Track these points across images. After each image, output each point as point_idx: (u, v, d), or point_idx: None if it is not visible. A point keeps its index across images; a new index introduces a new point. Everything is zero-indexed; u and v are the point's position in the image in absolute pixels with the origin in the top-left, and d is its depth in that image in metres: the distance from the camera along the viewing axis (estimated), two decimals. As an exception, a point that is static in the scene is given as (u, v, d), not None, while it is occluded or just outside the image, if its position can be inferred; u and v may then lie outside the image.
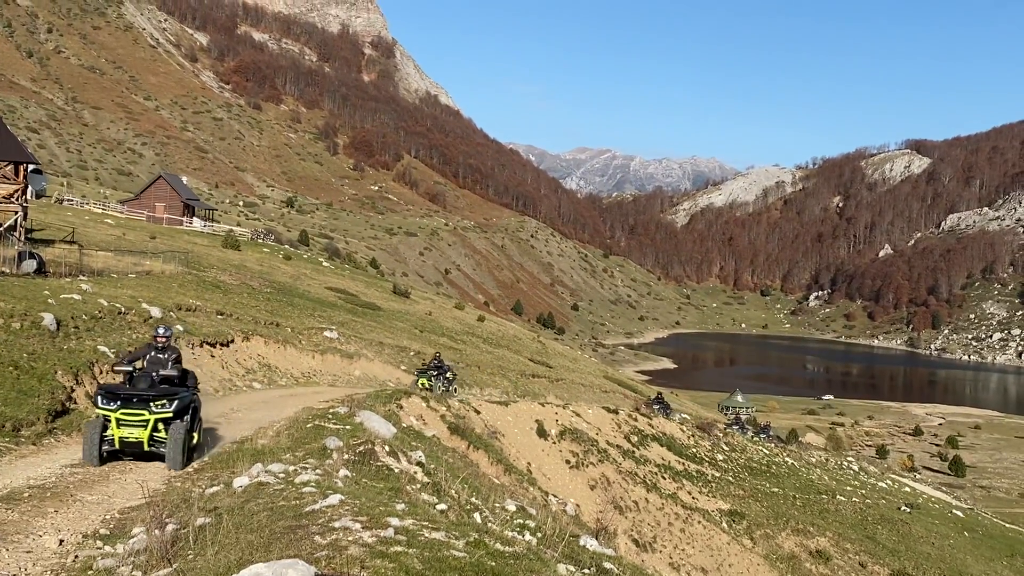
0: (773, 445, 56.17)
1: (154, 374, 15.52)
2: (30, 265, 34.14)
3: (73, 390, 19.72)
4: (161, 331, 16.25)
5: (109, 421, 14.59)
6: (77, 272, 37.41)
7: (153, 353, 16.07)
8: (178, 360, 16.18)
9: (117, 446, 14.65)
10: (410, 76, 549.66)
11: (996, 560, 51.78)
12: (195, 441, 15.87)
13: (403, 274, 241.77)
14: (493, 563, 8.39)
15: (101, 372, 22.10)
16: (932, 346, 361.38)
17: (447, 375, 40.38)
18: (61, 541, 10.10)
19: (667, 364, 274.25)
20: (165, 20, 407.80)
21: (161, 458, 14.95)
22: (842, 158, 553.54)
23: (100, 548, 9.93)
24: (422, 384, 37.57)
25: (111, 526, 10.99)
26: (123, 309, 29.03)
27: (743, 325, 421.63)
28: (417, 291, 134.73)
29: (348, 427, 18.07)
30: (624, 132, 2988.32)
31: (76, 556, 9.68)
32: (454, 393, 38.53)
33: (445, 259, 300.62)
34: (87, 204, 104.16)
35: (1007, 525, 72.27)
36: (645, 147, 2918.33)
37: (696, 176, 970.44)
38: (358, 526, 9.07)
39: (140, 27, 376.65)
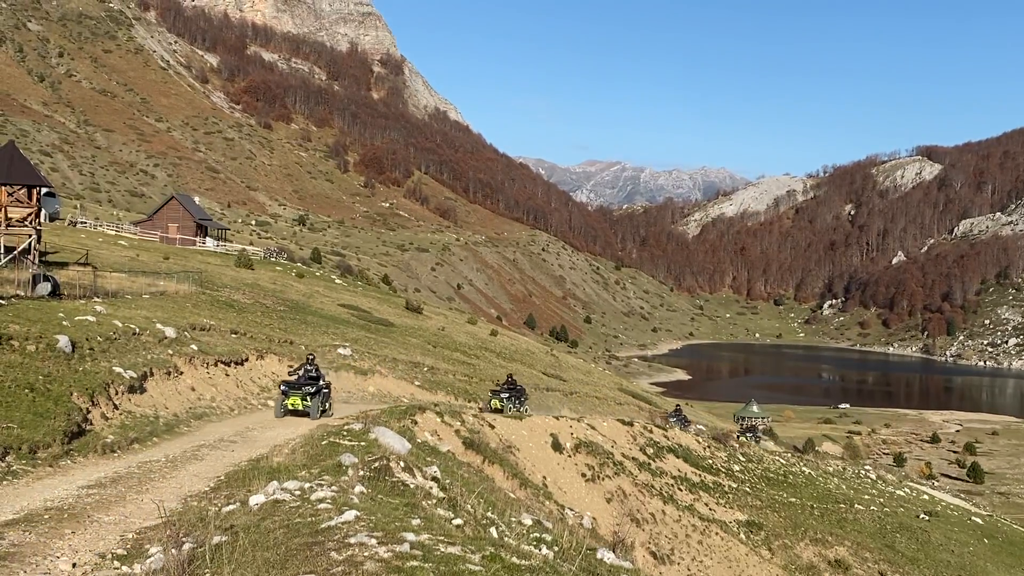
0: (762, 446, 55.25)
1: None
2: (44, 288, 34.27)
3: (89, 412, 19.81)
4: None
5: None
6: (91, 294, 37.56)
7: None
8: None
9: None
10: (419, 93, 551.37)
11: (1017, 567, 51.42)
12: None
13: (415, 290, 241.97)
14: (509, 577, 8.39)
15: (116, 393, 22.18)
16: (947, 352, 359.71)
17: (324, 387, 29.59)
18: (74, 564, 10.12)
19: (681, 375, 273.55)
20: (175, 42, 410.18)
21: None
22: (853, 166, 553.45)
23: (118, 568, 9.96)
24: (292, 404, 27.91)
25: (128, 546, 11.01)
26: (137, 330, 29.15)
27: (757, 335, 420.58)
28: (429, 307, 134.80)
29: (363, 443, 18.07)
30: (634, 144, 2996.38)
31: (94, 576, 9.71)
32: (328, 412, 29.61)
33: (457, 274, 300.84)
34: (100, 226, 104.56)
35: (1027, 531, 71.74)
36: (655, 158, 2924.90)
37: (707, 186, 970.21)
38: (374, 541, 9.07)
39: (151, 49, 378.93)
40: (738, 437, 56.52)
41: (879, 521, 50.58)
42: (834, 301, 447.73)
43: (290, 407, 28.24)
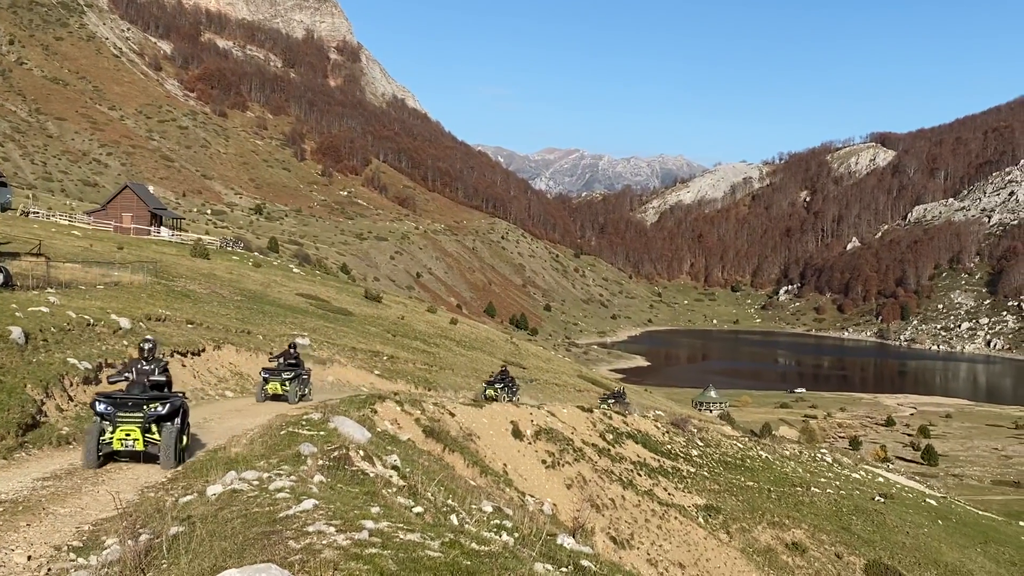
0: (625, 413, 53.99)
1: None
2: (-4, 279, 33.72)
3: (43, 403, 19.56)
4: None
5: None
6: (44, 284, 37.05)
7: None
8: None
9: None
10: (376, 80, 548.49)
11: (970, 547, 52.24)
12: None
13: (374, 279, 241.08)
14: (468, 562, 8.42)
15: (71, 384, 21.93)
16: (901, 337, 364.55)
17: (180, 404, 16.51)
18: (29, 557, 10.02)
19: (640, 362, 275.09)
20: (128, 29, 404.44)
21: None
22: (808, 153, 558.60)
23: (73, 560, 9.87)
24: (123, 439, 15.47)
25: (84, 538, 10.92)
26: (92, 321, 28.82)
27: (714, 321, 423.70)
28: (389, 295, 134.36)
29: (322, 433, 18.03)
30: (592, 132, 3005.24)
31: (49, 569, 9.62)
32: (187, 451, 16.97)
33: (416, 263, 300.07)
34: (53, 216, 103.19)
35: (980, 512, 72.93)
36: (613, 146, 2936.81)
37: (664, 174, 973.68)
38: (332, 529, 9.07)
39: (103, 37, 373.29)
40: (600, 404, 56.12)
41: (835, 504, 51.18)
42: (790, 287, 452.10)
43: (118, 446, 15.40)
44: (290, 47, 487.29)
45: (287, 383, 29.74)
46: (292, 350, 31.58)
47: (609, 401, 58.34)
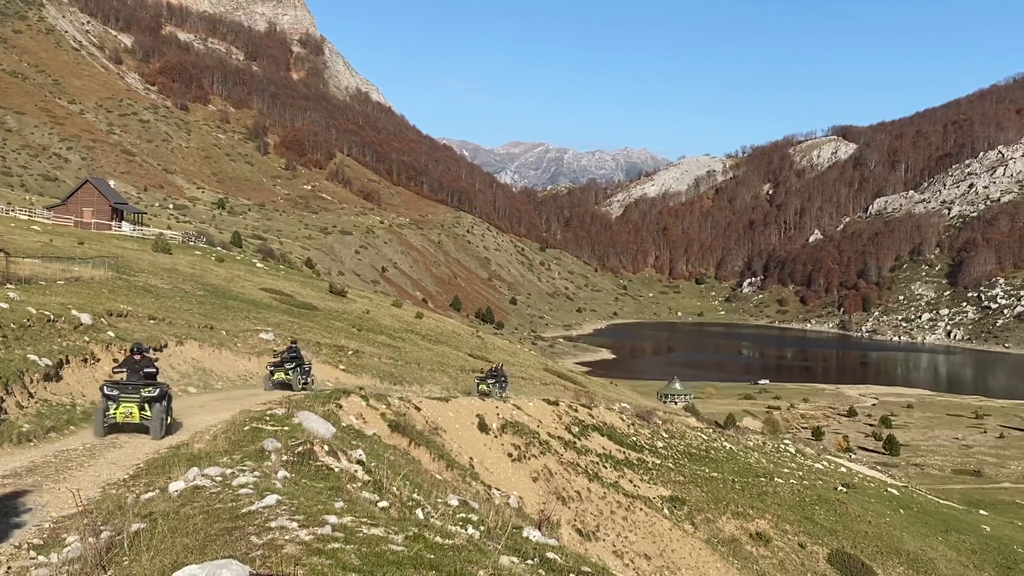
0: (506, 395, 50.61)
1: None
2: (-47, 275, 33.24)
3: (3, 400, 19.33)
4: None
5: None
6: (4, 280, 36.54)
7: None
8: None
9: None
10: (340, 73, 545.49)
11: (931, 536, 52.88)
12: None
13: (339, 273, 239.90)
14: (432, 556, 8.42)
15: (32, 381, 21.68)
16: (863, 328, 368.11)
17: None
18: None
19: (606, 355, 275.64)
20: (88, 22, 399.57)
21: None
22: (771, 146, 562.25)
23: (34, 558, 9.78)
24: None
25: (45, 536, 10.82)
26: (52, 316, 28.49)
27: (679, 314, 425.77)
28: (354, 290, 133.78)
29: (286, 428, 17.95)
30: (557, 125, 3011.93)
31: (9, 567, 9.52)
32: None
33: (381, 257, 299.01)
34: (12, 211, 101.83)
35: (941, 501, 73.87)
36: (578, 139, 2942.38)
37: (629, 167, 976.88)
38: (295, 525, 9.05)
39: (63, 30, 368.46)
40: (478, 386, 52.53)
41: (798, 494, 51.65)
42: (753, 279, 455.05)
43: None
44: (252, 40, 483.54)
45: (147, 406, 19.37)
46: (136, 355, 20.72)
47: (489, 381, 54.22)
